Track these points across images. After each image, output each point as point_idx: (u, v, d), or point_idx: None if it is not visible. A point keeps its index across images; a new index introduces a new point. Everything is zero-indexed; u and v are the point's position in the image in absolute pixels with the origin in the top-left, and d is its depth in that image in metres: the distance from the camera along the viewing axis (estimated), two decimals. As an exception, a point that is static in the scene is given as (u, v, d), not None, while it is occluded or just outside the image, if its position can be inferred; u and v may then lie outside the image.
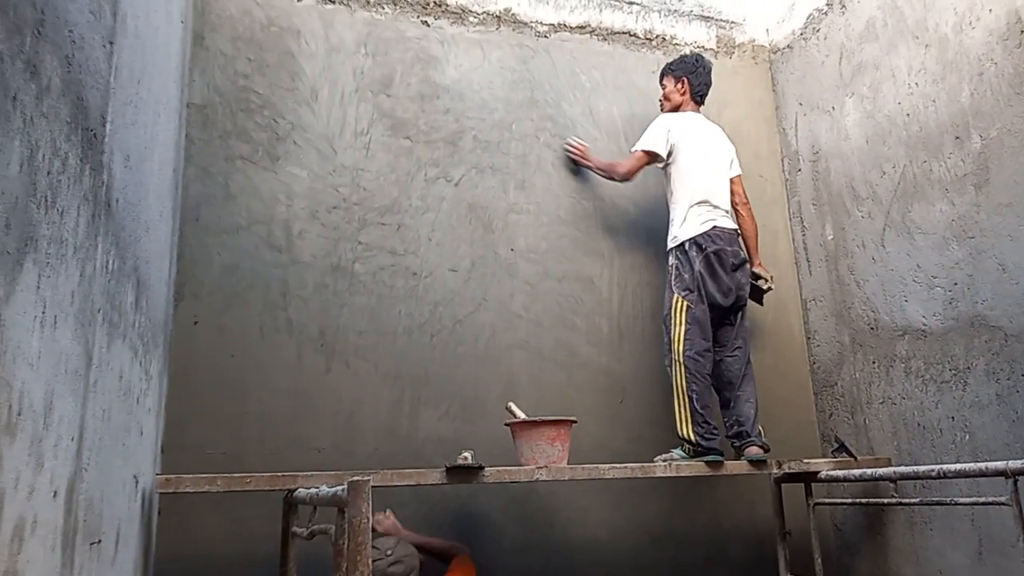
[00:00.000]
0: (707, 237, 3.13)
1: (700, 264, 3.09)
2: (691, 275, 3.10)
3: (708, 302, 3.08)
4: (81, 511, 1.38)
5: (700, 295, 3.08)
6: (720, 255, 3.11)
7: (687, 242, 3.14)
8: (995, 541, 2.70)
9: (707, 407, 3.02)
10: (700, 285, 3.08)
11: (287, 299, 2.98)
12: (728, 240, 3.16)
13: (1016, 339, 2.68)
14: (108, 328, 1.60)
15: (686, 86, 3.42)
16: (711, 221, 3.16)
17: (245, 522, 2.70)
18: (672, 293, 3.14)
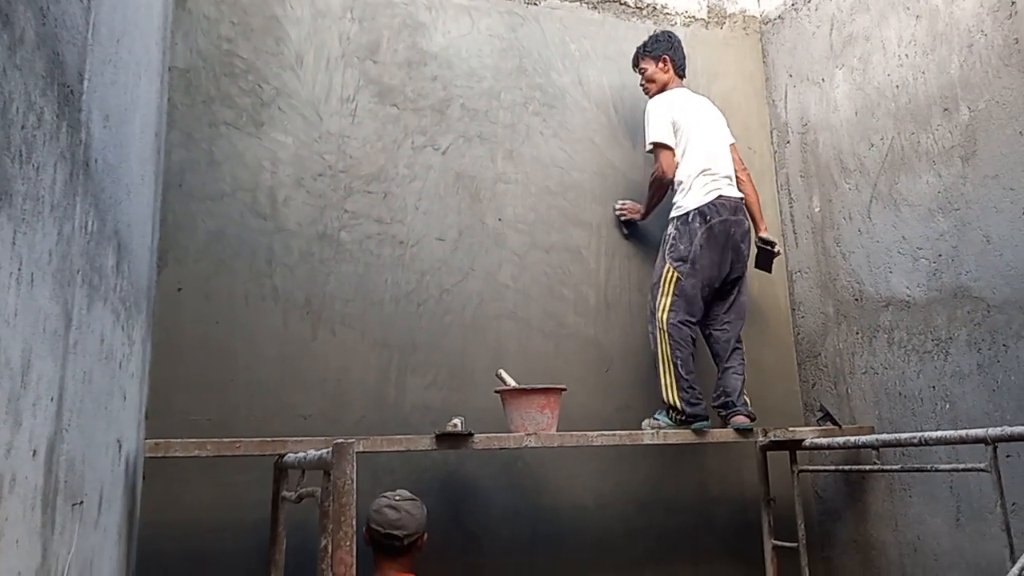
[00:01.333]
0: (712, 207, 3.11)
1: (701, 236, 3.06)
2: (688, 246, 3.08)
3: (701, 277, 3.06)
4: (62, 472, 1.37)
5: (693, 268, 3.06)
6: (725, 227, 3.09)
7: (691, 212, 3.12)
8: (973, 507, 2.75)
9: (692, 373, 3.04)
10: (695, 259, 3.06)
11: (272, 266, 2.96)
12: (733, 209, 3.14)
13: (998, 310, 2.71)
14: (88, 290, 1.58)
15: (668, 64, 3.39)
16: (716, 191, 3.14)
17: (232, 488, 2.71)
18: (664, 262, 3.13)
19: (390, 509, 2.42)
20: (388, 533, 2.37)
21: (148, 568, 2.54)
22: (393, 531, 2.38)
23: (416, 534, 2.43)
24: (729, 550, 3.39)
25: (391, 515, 2.40)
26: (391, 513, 2.40)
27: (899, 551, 3.06)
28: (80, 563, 1.56)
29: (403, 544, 2.39)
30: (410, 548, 2.43)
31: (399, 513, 2.40)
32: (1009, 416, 2.60)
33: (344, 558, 1.43)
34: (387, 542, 2.38)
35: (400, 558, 2.42)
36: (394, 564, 2.42)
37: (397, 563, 2.42)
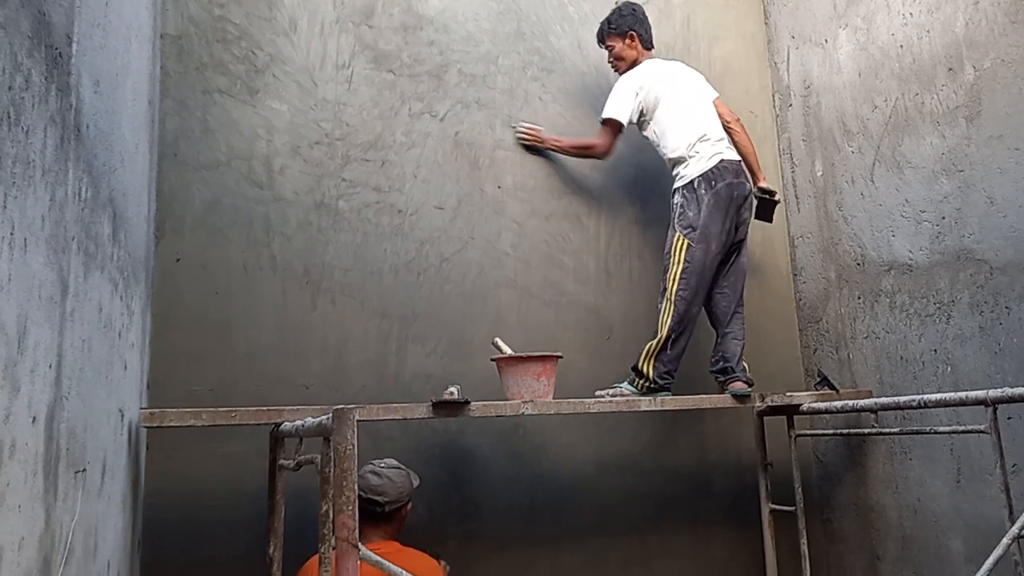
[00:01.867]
0: (716, 171, 3.07)
1: (708, 200, 3.02)
2: (696, 213, 3.04)
3: (711, 243, 3.02)
4: (63, 439, 1.37)
5: (703, 234, 3.02)
6: (729, 190, 3.05)
7: (696, 179, 3.07)
8: (973, 469, 2.77)
9: (678, 356, 3.02)
10: (705, 224, 3.01)
11: (270, 236, 2.94)
12: (735, 172, 3.10)
13: (1001, 272, 2.69)
14: (84, 258, 1.56)
15: (636, 39, 3.32)
16: (718, 155, 3.10)
17: (233, 457, 2.71)
18: (674, 231, 3.09)
19: (373, 475, 2.41)
20: (369, 499, 2.35)
21: (152, 536, 2.57)
22: (374, 496, 2.36)
23: (398, 502, 2.41)
24: (727, 515, 3.42)
25: (373, 481, 2.39)
26: (373, 479, 2.40)
27: (899, 513, 3.08)
28: (84, 530, 1.57)
29: (384, 511, 2.38)
30: (392, 516, 2.41)
31: (381, 479, 2.40)
32: (1010, 378, 2.60)
33: (346, 522, 1.43)
34: (368, 507, 2.34)
35: (383, 525, 2.40)
36: (377, 531, 2.38)
37: (380, 530, 2.39)
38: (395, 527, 2.44)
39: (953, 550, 2.83)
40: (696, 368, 3.35)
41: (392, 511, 2.40)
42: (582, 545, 3.18)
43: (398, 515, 2.44)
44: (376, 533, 2.37)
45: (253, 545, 2.62)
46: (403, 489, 2.44)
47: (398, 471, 2.48)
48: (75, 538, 1.46)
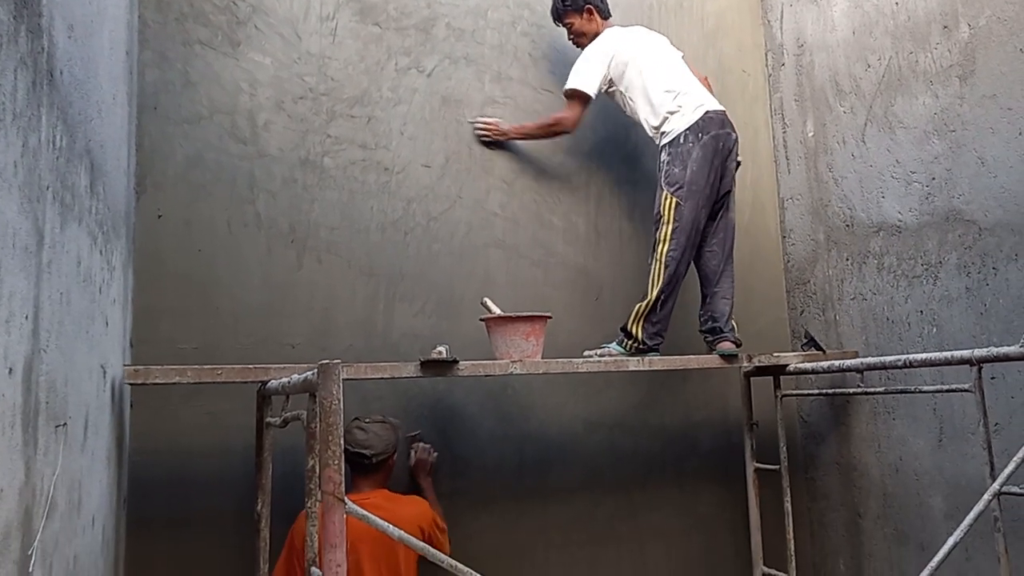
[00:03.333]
0: (702, 123, 3.01)
1: (696, 154, 2.96)
2: (682, 169, 2.98)
3: (699, 198, 2.98)
4: (42, 392, 1.35)
5: (690, 190, 2.97)
6: (715, 141, 3.00)
7: (683, 133, 3.01)
8: (956, 428, 2.80)
9: (667, 316, 3.01)
10: (691, 180, 2.96)
11: (255, 193, 2.89)
12: (720, 123, 3.05)
13: (990, 232, 2.69)
14: (60, 208, 1.52)
15: (593, 11, 3.23)
16: (702, 107, 3.04)
17: (219, 415, 2.70)
18: (661, 191, 3.04)
19: (359, 430, 2.61)
20: (357, 452, 2.56)
21: (138, 493, 2.57)
22: (361, 450, 2.57)
23: (385, 454, 2.61)
24: (713, 473, 3.46)
25: (359, 435, 2.59)
26: (359, 434, 2.60)
27: (881, 472, 3.13)
28: (68, 484, 1.55)
29: (372, 463, 2.58)
30: (380, 467, 2.62)
31: (367, 434, 2.60)
32: (995, 339, 2.61)
33: (333, 476, 1.42)
34: (357, 460, 2.57)
35: (372, 475, 2.61)
36: (367, 480, 2.60)
37: (370, 480, 2.61)
38: (383, 476, 2.64)
39: (934, 507, 2.88)
40: (684, 329, 3.35)
41: (379, 462, 2.60)
42: (570, 501, 3.21)
43: (385, 465, 2.64)
44: (366, 483, 2.60)
45: (241, 502, 2.63)
46: (388, 442, 2.63)
47: (382, 425, 2.66)
48: (57, 492, 1.44)
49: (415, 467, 2.86)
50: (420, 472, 2.85)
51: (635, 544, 3.30)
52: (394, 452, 2.66)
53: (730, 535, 3.42)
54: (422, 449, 2.88)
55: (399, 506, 2.56)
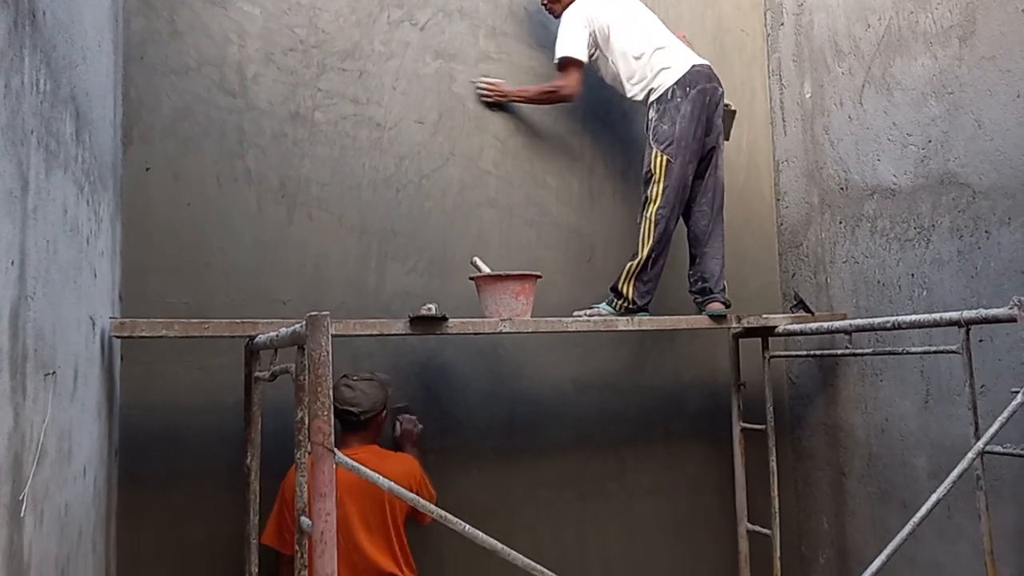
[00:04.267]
0: (690, 76, 2.97)
1: (684, 109, 2.93)
2: (671, 126, 2.95)
3: (687, 154, 2.95)
4: (30, 339, 1.34)
5: (679, 147, 2.94)
6: (702, 95, 2.97)
7: (671, 88, 2.97)
8: (942, 390, 2.83)
9: (657, 275, 3.00)
10: (680, 136, 2.93)
11: (244, 147, 2.85)
12: (707, 77, 3.02)
13: (983, 196, 2.69)
14: (45, 155, 1.49)
15: None
16: (688, 61, 3.01)
17: (211, 370, 2.70)
18: (651, 148, 3.01)
19: (346, 388, 2.61)
20: (344, 409, 2.56)
21: (130, 446, 2.57)
22: (349, 408, 2.56)
23: (372, 411, 2.61)
24: (700, 432, 3.49)
25: (347, 393, 2.59)
26: (347, 392, 2.59)
27: (866, 432, 3.17)
28: (57, 433, 1.55)
29: (360, 420, 2.58)
30: (368, 424, 2.61)
31: (354, 392, 2.59)
32: (985, 302, 2.63)
33: (322, 427, 1.43)
34: (345, 417, 2.57)
35: (361, 432, 2.61)
36: (356, 437, 2.60)
37: (358, 436, 2.60)
38: (372, 433, 2.64)
39: (917, 467, 2.93)
40: (673, 290, 3.36)
41: (367, 420, 2.60)
42: (559, 460, 3.25)
43: (374, 423, 2.63)
44: (355, 439, 2.59)
45: (232, 456, 2.64)
46: (375, 399, 2.62)
47: (370, 383, 2.65)
48: (47, 440, 1.44)
49: (401, 438, 2.86)
50: (406, 443, 2.85)
51: (623, 502, 3.35)
52: (383, 410, 2.65)
53: (716, 493, 3.47)
54: (407, 420, 2.88)
55: (388, 462, 2.57)
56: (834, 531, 3.35)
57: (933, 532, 2.79)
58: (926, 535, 2.77)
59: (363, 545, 2.48)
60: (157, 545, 2.60)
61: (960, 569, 2.75)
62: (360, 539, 2.48)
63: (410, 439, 2.86)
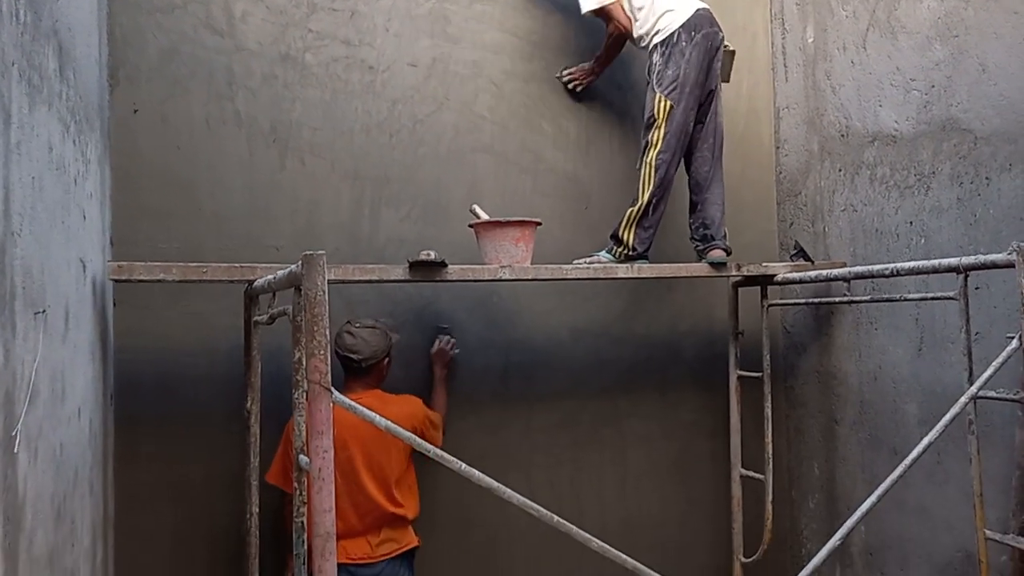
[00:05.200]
0: (695, 20, 2.91)
1: (689, 53, 2.88)
2: (675, 70, 2.90)
3: (691, 99, 2.92)
4: (18, 277, 1.31)
5: (683, 92, 2.90)
6: (707, 39, 2.92)
7: (676, 31, 2.91)
8: (936, 337, 2.84)
9: (658, 221, 2.98)
10: (684, 80, 2.89)
11: (233, 89, 2.78)
12: (710, 21, 2.96)
13: (985, 142, 2.65)
14: (28, 88, 1.45)
15: None
16: (693, 5, 2.95)
17: (205, 315, 2.69)
18: (654, 93, 2.95)
19: (348, 335, 2.63)
20: (346, 356, 2.60)
21: (126, 390, 2.58)
22: (350, 354, 2.60)
23: (374, 359, 2.63)
24: (696, 380, 3.51)
25: (348, 340, 2.62)
26: (348, 339, 2.62)
27: (859, 380, 3.19)
28: (50, 373, 1.54)
29: (361, 366, 2.61)
30: (371, 370, 2.65)
31: (355, 339, 2.62)
32: (983, 249, 2.61)
33: (319, 366, 1.42)
34: (347, 363, 2.62)
35: (364, 377, 2.65)
36: (359, 382, 2.64)
37: (362, 381, 2.65)
38: (375, 379, 2.68)
39: (908, 413, 2.95)
40: (672, 238, 3.34)
41: (369, 366, 2.62)
42: (554, 406, 3.27)
43: (377, 369, 2.66)
44: (358, 385, 2.64)
45: (228, 401, 2.65)
46: (377, 347, 2.63)
47: (372, 331, 2.66)
48: (39, 379, 1.43)
49: (434, 356, 2.96)
50: (438, 361, 2.95)
51: (617, 448, 3.38)
52: (385, 357, 2.67)
53: (709, 440, 3.51)
54: (444, 341, 2.98)
55: (391, 406, 2.60)
56: (824, 476, 3.40)
57: (922, 476, 2.83)
58: (915, 479, 2.81)
59: (368, 487, 2.55)
60: (155, 487, 2.63)
61: (947, 512, 2.80)
62: (365, 481, 2.54)
63: (443, 359, 2.95)
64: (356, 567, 2.53)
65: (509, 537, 3.16)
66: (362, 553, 2.55)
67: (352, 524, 2.53)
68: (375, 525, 2.58)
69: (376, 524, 2.58)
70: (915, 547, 2.94)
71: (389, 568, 2.58)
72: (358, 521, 2.55)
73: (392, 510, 2.58)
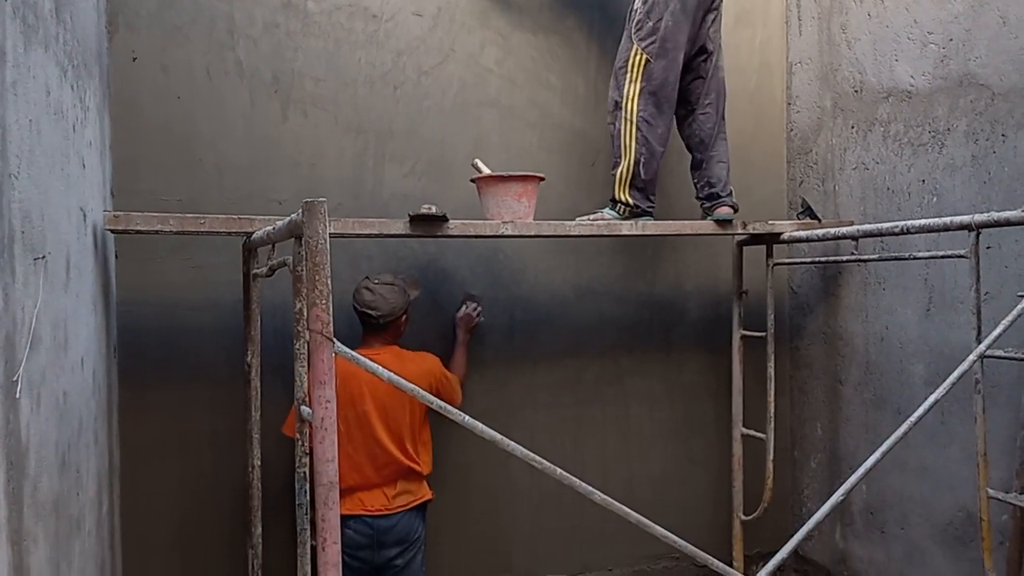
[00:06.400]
0: None
1: (675, 4, 2.77)
2: (657, 21, 2.79)
3: (673, 56, 2.81)
4: (16, 220, 1.29)
5: (663, 47, 2.79)
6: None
7: None
8: (945, 297, 2.81)
9: (652, 176, 2.89)
10: (666, 35, 2.78)
11: (235, 38, 2.72)
12: None
13: (1003, 98, 2.59)
14: (23, 27, 1.41)
15: None
16: None
17: (206, 269, 2.67)
18: (630, 43, 2.85)
19: (366, 291, 2.64)
20: (364, 312, 2.62)
21: (130, 342, 2.58)
22: (368, 311, 2.61)
23: (391, 315, 2.64)
24: (700, 340, 3.50)
25: (367, 296, 2.63)
26: (367, 295, 2.63)
27: (865, 340, 3.17)
28: (52, 320, 1.53)
29: (379, 322, 2.62)
30: (388, 326, 2.66)
31: (373, 295, 2.63)
32: (995, 207, 2.56)
33: (320, 315, 1.40)
34: (365, 319, 2.64)
35: (381, 333, 2.67)
36: (377, 338, 2.67)
37: (379, 337, 2.67)
38: (392, 335, 2.70)
39: (914, 374, 2.94)
40: (677, 197, 3.30)
41: (387, 323, 2.64)
42: (558, 364, 3.27)
43: (394, 325, 2.68)
44: (376, 340, 2.67)
45: (230, 354, 2.65)
46: (395, 304, 2.65)
47: (391, 287, 2.67)
48: (41, 326, 1.42)
49: (460, 320, 2.98)
50: (461, 325, 2.97)
51: (620, 406, 3.39)
52: (403, 314, 2.68)
53: (711, 400, 3.51)
54: (471, 306, 2.99)
55: (407, 362, 2.63)
56: (827, 437, 3.40)
57: (924, 437, 2.83)
58: (917, 440, 2.81)
59: (383, 440, 2.58)
60: (159, 440, 2.65)
61: (948, 473, 2.81)
62: (380, 435, 2.58)
63: (467, 324, 2.97)
64: (373, 518, 2.58)
65: (511, 494, 3.18)
66: (379, 505, 2.60)
67: (369, 476, 2.58)
68: (391, 478, 2.62)
69: (392, 477, 2.62)
70: (915, 506, 2.95)
71: (405, 519, 2.62)
72: (375, 473, 2.59)
73: (407, 463, 2.62)
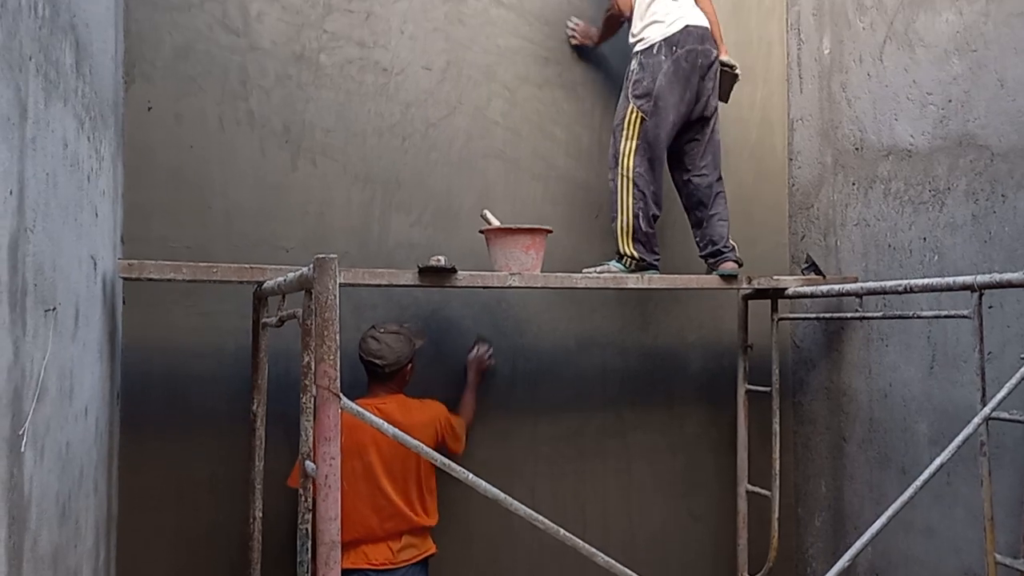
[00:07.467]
0: (680, 36, 2.89)
1: (667, 69, 2.86)
2: (651, 82, 2.88)
3: (665, 116, 2.89)
4: (30, 273, 1.30)
5: (656, 107, 2.88)
6: (692, 57, 2.89)
7: (658, 43, 2.89)
8: (948, 356, 2.81)
9: (652, 227, 2.95)
10: (659, 95, 2.87)
11: (247, 88, 2.77)
12: (700, 38, 2.92)
13: (1002, 159, 2.63)
14: (44, 83, 1.44)
15: None
16: (681, 19, 2.91)
17: (213, 316, 2.68)
18: (627, 102, 2.94)
19: (372, 340, 2.65)
20: (370, 361, 2.62)
21: (133, 388, 2.56)
22: (374, 360, 2.62)
23: (397, 365, 2.64)
24: (702, 393, 3.48)
25: (373, 345, 2.64)
26: (372, 344, 2.64)
27: (869, 397, 3.16)
28: (58, 370, 1.53)
29: (385, 372, 2.62)
30: (394, 375, 2.66)
31: (379, 344, 2.63)
32: (997, 267, 2.59)
33: (328, 371, 1.40)
34: (371, 368, 2.64)
35: (387, 382, 2.67)
36: (382, 387, 2.67)
37: (385, 386, 2.67)
38: (398, 383, 2.70)
39: (919, 432, 2.92)
40: (680, 249, 3.32)
41: (392, 372, 2.64)
42: (559, 417, 3.24)
43: (400, 374, 2.68)
44: (382, 389, 2.66)
45: (233, 402, 2.64)
46: (400, 353, 2.65)
47: (396, 336, 2.68)
48: (48, 377, 1.42)
49: (470, 362, 2.99)
50: (472, 368, 2.98)
51: (622, 460, 3.36)
52: (408, 363, 2.69)
53: (714, 455, 3.48)
54: (483, 349, 3.01)
55: (413, 411, 2.63)
56: (831, 494, 3.36)
57: (930, 497, 2.80)
58: (923, 500, 2.78)
59: (389, 493, 2.56)
60: (159, 488, 2.61)
61: (954, 535, 2.77)
62: (386, 487, 2.56)
63: (478, 366, 2.98)
64: (377, 572, 2.54)
65: (512, 547, 3.13)
66: (383, 558, 2.55)
67: (373, 529, 2.55)
68: (396, 531, 2.58)
69: (397, 530, 2.58)
70: (921, 568, 2.90)
71: (409, 574, 2.58)
72: (379, 526, 2.56)
73: (413, 516, 2.60)
